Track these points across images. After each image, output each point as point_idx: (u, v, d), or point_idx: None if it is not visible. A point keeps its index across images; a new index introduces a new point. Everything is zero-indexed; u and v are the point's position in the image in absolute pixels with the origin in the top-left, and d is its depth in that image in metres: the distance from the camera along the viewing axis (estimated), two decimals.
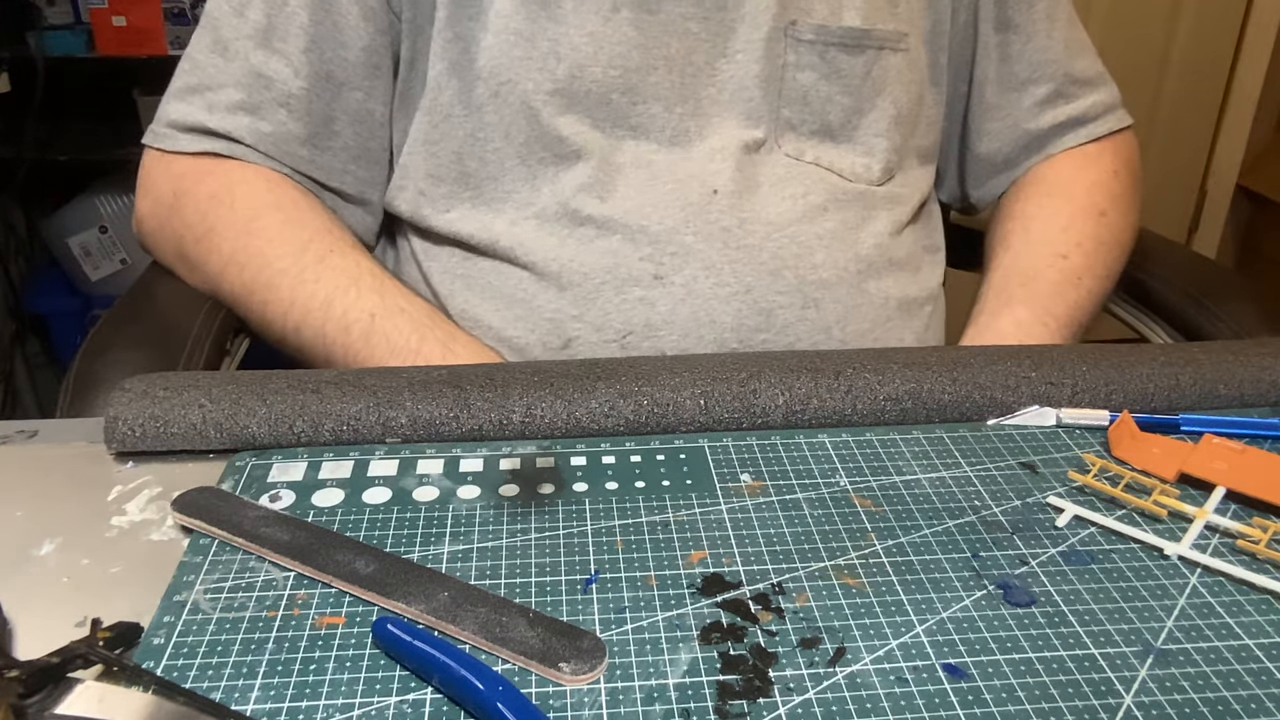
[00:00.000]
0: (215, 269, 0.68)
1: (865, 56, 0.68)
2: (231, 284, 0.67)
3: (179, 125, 0.70)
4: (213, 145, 0.68)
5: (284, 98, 0.68)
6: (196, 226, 0.68)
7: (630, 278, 0.65)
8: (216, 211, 0.67)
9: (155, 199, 0.71)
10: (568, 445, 0.50)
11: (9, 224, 1.91)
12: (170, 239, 0.71)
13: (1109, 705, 0.35)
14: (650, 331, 0.65)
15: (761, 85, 0.68)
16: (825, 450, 0.50)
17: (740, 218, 0.66)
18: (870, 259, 0.69)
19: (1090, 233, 0.73)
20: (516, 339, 0.67)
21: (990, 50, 0.77)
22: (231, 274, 0.67)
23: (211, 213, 0.68)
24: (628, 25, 0.65)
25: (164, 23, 1.72)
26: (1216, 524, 0.45)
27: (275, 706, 0.35)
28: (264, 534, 0.42)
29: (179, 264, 0.72)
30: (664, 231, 0.65)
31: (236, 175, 0.68)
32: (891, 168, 0.72)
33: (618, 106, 0.66)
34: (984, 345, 0.60)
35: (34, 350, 2.00)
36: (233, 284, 0.67)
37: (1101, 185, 0.76)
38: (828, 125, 0.69)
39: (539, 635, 0.37)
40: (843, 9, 0.68)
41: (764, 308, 0.66)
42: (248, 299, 0.67)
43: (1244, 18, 1.85)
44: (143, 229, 0.74)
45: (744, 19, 0.67)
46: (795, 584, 0.41)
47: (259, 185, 0.68)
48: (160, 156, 0.71)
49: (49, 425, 0.53)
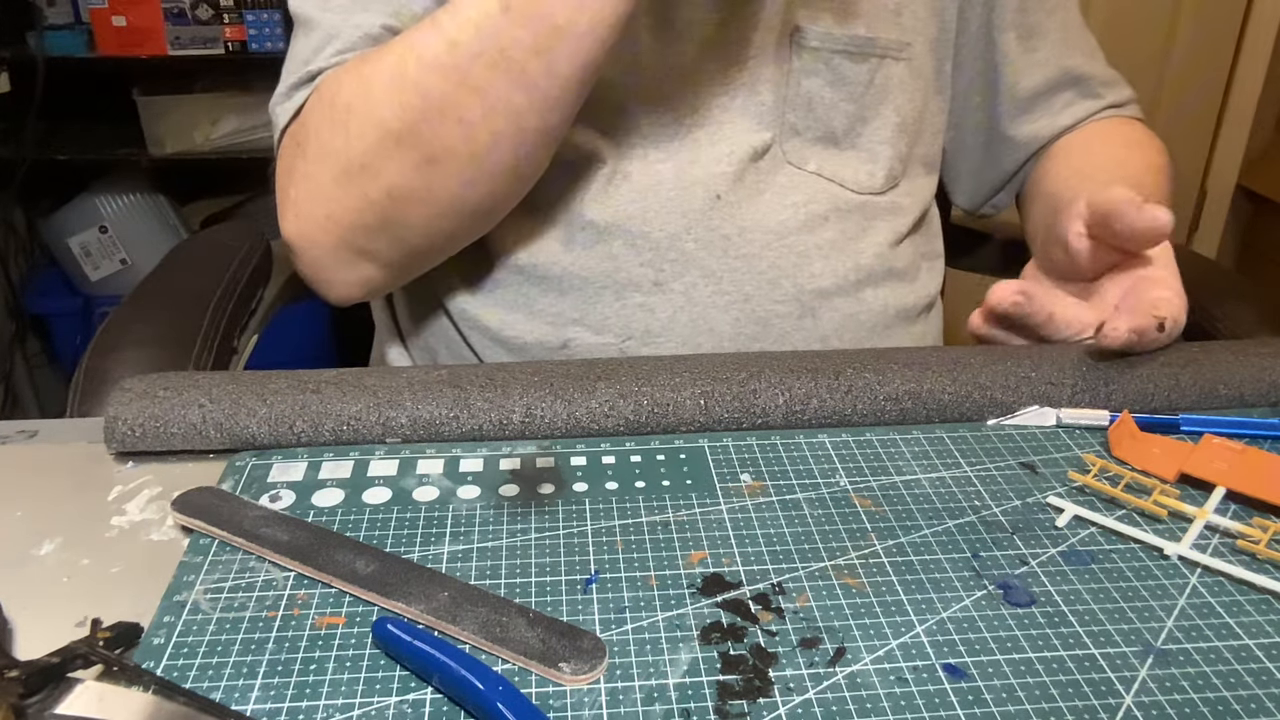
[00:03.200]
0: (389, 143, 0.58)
1: (869, 64, 0.69)
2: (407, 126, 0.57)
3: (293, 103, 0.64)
4: (315, 83, 0.63)
5: (366, 38, 0.63)
6: (338, 140, 0.60)
7: (631, 283, 0.65)
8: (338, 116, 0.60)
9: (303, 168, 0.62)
10: (568, 445, 0.50)
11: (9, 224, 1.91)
12: (348, 186, 0.60)
13: (1109, 705, 0.35)
14: (649, 337, 0.66)
15: (771, 90, 0.68)
16: (825, 450, 0.50)
17: (740, 226, 0.66)
18: (869, 269, 0.69)
19: (1133, 156, 0.75)
20: (515, 340, 0.67)
21: (1014, 58, 0.77)
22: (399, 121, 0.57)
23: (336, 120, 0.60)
24: (643, 31, 0.65)
25: (164, 23, 1.72)
26: (1216, 524, 0.45)
27: (275, 706, 0.35)
28: (264, 534, 0.42)
29: (371, 179, 0.59)
30: (665, 238, 0.65)
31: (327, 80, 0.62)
32: (895, 175, 0.72)
33: (630, 113, 0.66)
34: (984, 346, 0.60)
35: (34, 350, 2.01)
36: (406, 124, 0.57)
37: (1126, 133, 0.78)
38: (831, 132, 0.69)
39: (539, 635, 0.37)
40: (848, 17, 0.68)
41: (761, 316, 0.66)
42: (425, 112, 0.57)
43: (1244, 18, 1.85)
44: (311, 207, 0.62)
45: (757, 26, 0.67)
46: (795, 584, 0.41)
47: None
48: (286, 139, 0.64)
49: (49, 425, 0.53)
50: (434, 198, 0.59)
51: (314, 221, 0.62)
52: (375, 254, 0.63)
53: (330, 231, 0.61)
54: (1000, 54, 0.77)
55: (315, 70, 0.63)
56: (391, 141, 0.57)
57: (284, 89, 0.65)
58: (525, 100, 0.56)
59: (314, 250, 0.63)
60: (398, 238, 0.62)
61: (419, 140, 0.57)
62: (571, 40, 0.55)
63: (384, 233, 0.61)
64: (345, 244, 0.62)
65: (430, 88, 0.56)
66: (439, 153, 0.57)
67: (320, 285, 0.66)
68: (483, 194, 0.60)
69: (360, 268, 0.64)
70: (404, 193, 0.59)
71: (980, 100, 0.79)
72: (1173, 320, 0.54)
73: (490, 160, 0.58)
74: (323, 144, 0.60)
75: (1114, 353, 0.54)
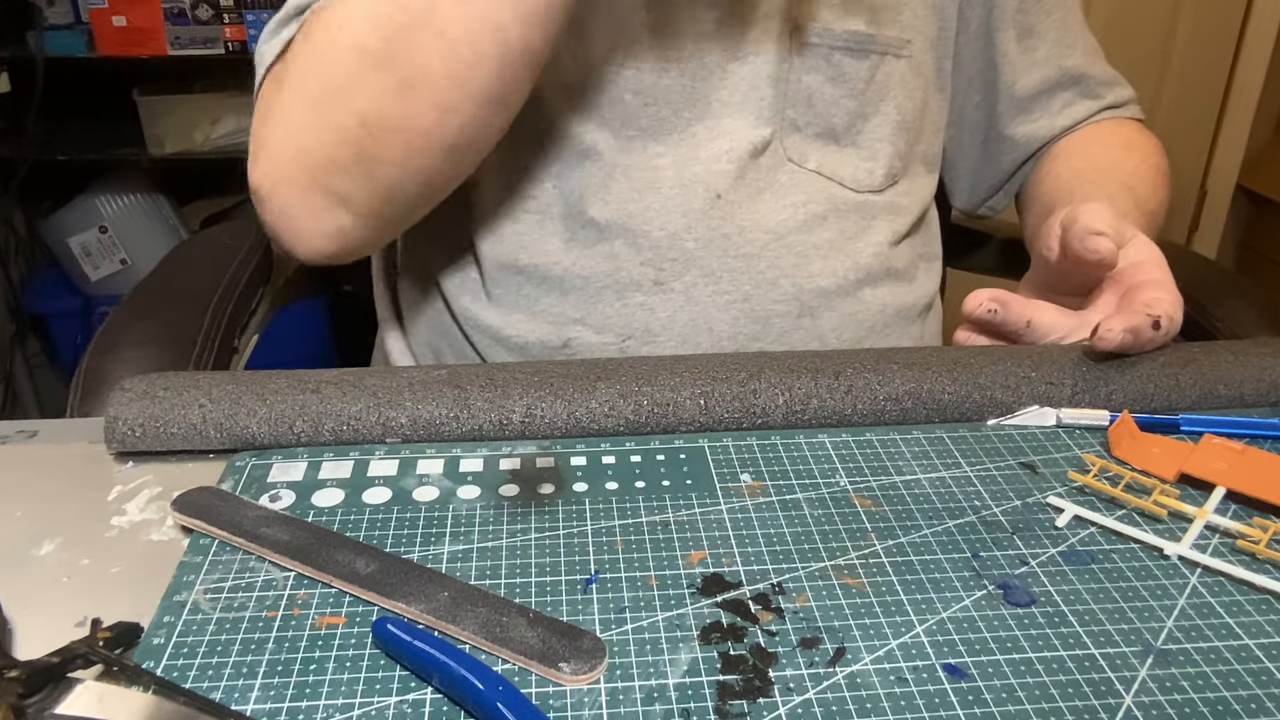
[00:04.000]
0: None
1: (869, 61, 0.68)
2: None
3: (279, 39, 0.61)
4: (303, 17, 0.61)
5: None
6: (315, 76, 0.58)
7: (631, 282, 0.65)
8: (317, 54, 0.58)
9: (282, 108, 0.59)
10: (568, 445, 0.50)
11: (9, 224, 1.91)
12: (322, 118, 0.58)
13: (1109, 705, 0.35)
14: (649, 337, 0.66)
15: (771, 85, 0.68)
16: (825, 450, 0.50)
17: (740, 225, 0.66)
18: (868, 268, 0.69)
19: (1130, 158, 0.75)
20: (516, 339, 0.67)
21: (1012, 58, 0.77)
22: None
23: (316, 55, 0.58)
24: (642, 25, 0.65)
25: (164, 23, 1.73)
26: (1216, 524, 0.45)
27: (275, 706, 0.35)
28: (264, 534, 0.42)
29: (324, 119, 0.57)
30: (665, 237, 0.65)
31: None
32: (895, 173, 0.72)
33: (629, 107, 0.66)
34: (984, 346, 0.60)
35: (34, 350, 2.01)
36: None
37: (1124, 135, 0.78)
38: (832, 128, 0.69)
39: (539, 635, 0.37)
40: (848, 14, 0.68)
41: (761, 316, 0.66)
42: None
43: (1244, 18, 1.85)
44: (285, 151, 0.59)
45: (756, 21, 0.67)
46: (795, 584, 0.41)
47: None
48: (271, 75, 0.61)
49: (49, 425, 0.53)
50: (410, 126, 0.56)
51: (285, 157, 0.59)
52: (348, 198, 0.59)
53: (302, 166, 0.58)
54: (999, 53, 0.77)
55: (304, 4, 0.60)
56: (370, 62, 0.55)
57: (270, 28, 0.62)
58: (510, 14, 0.54)
59: (284, 191, 0.60)
60: (371, 175, 0.58)
61: (397, 61, 0.55)
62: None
63: (358, 168, 0.58)
64: (317, 183, 0.59)
65: (409, 3, 0.54)
66: (417, 74, 0.55)
67: (289, 236, 0.62)
68: (463, 121, 0.57)
69: (333, 214, 0.60)
70: (379, 120, 0.56)
71: (979, 99, 0.80)
72: (1167, 317, 0.54)
73: (472, 83, 0.56)
74: (300, 72, 0.58)
75: (1113, 354, 0.54)
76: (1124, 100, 0.81)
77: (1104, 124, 0.79)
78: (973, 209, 0.87)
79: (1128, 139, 0.78)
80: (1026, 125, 0.79)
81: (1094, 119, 0.79)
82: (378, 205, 0.60)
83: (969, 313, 0.60)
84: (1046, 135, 0.79)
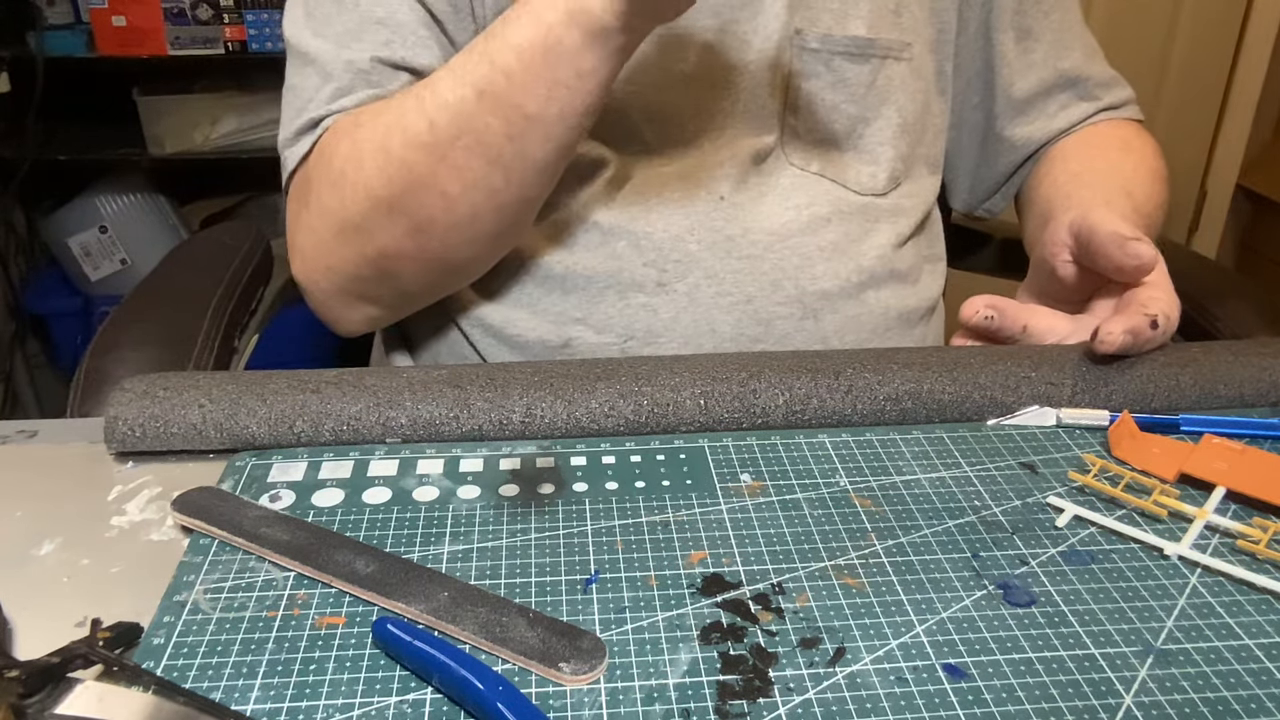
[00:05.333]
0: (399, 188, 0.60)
1: (870, 65, 0.69)
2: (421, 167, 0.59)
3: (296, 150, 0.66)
4: (316, 131, 0.65)
5: (362, 76, 0.64)
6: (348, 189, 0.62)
7: (634, 283, 0.65)
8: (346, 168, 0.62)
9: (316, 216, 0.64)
10: (568, 445, 0.50)
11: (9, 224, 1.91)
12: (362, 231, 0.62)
13: (1109, 705, 0.35)
14: (651, 337, 0.66)
15: (773, 94, 0.68)
16: (825, 450, 0.50)
17: (744, 227, 0.66)
18: (871, 270, 0.69)
19: (1127, 161, 0.75)
20: (517, 338, 0.67)
21: (1010, 59, 0.77)
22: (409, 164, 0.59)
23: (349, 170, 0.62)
24: (646, 42, 0.65)
25: (164, 23, 1.72)
26: (1216, 524, 0.45)
27: (275, 706, 0.35)
28: (264, 534, 0.42)
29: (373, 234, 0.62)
30: (668, 239, 0.65)
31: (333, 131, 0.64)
32: (898, 176, 0.72)
33: (634, 123, 0.66)
34: (984, 346, 0.60)
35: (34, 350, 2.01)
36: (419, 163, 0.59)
37: (1121, 137, 0.78)
38: (834, 133, 0.69)
39: (539, 635, 0.37)
40: (848, 18, 0.68)
41: (763, 318, 0.66)
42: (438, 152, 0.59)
43: (1244, 18, 1.85)
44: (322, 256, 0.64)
45: (757, 30, 0.67)
46: (795, 584, 0.41)
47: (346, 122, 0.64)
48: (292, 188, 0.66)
49: (49, 425, 0.53)
50: (423, 257, 0.63)
51: (317, 270, 0.66)
52: (376, 299, 0.67)
53: (332, 280, 0.65)
54: (997, 55, 0.77)
55: (316, 117, 0.64)
56: (383, 209, 0.60)
57: (289, 133, 0.66)
58: (502, 179, 0.59)
59: (319, 294, 0.67)
60: (394, 288, 0.65)
61: (406, 209, 0.60)
62: (542, 128, 0.57)
63: (381, 283, 0.65)
64: (346, 291, 0.66)
65: (413, 164, 0.59)
66: (424, 221, 0.60)
67: (328, 320, 0.70)
68: (468, 255, 0.64)
69: (363, 308, 0.67)
70: (395, 253, 0.62)
71: (978, 101, 0.79)
72: (1164, 316, 0.54)
73: (472, 228, 0.61)
74: (322, 202, 0.63)
75: (1113, 355, 0.54)
76: (1122, 101, 0.81)
77: (1101, 126, 0.79)
78: (971, 210, 0.87)
79: (1125, 141, 0.78)
80: (1023, 127, 0.79)
81: (1091, 120, 0.79)
82: (400, 302, 0.68)
83: (966, 320, 0.61)
84: (1043, 137, 0.79)
